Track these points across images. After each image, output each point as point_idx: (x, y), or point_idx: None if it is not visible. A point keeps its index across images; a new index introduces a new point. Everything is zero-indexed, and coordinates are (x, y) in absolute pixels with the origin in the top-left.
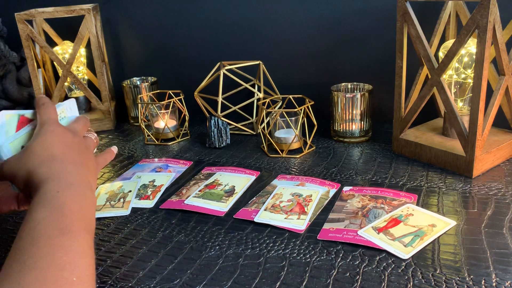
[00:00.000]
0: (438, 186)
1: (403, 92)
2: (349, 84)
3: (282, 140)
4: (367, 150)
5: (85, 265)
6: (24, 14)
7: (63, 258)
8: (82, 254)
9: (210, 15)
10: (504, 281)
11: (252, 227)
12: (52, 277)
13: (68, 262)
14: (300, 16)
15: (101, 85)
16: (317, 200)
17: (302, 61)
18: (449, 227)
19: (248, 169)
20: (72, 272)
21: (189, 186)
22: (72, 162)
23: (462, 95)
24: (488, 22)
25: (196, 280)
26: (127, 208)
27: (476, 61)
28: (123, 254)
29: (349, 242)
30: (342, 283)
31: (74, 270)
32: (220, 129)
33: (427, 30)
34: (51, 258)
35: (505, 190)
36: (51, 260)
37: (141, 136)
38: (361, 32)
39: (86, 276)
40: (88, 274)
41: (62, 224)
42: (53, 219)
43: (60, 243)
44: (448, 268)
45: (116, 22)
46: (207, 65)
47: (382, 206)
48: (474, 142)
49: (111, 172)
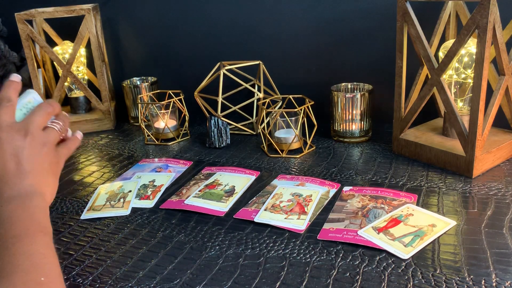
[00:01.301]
0: (438, 186)
1: (403, 92)
2: (349, 84)
3: (282, 140)
4: (367, 150)
5: (48, 265)
6: (24, 14)
7: (26, 262)
8: (43, 255)
9: (210, 15)
10: (504, 281)
11: (252, 227)
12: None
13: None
14: (300, 16)
15: (101, 85)
16: (317, 200)
17: (302, 61)
18: (449, 227)
19: (248, 169)
20: (37, 273)
21: (189, 186)
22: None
23: (462, 95)
24: (488, 22)
25: (196, 280)
26: (127, 208)
27: (476, 61)
28: (123, 254)
29: (349, 242)
30: (342, 283)
31: (39, 272)
32: (220, 129)
33: (427, 30)
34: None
35: (505, 190)
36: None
37: (141, 136)
38: (361, 32)
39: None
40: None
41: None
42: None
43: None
44: (448, 268)
45: (116, 22)
46: (207, 65)
47: (382, 206)
48: (474, 142)
49: (111, 172)
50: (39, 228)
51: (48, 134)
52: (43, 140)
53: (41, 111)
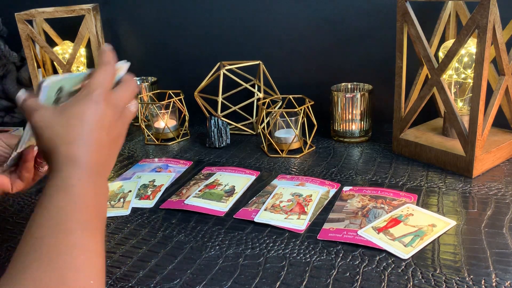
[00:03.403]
0: (438, 186)
1: (403, 92)
2: (349, 84)
3: (282, 140)
4: (367, 150)
5: (100, 266)
6: (24, 14)
7: (81, 257)
8: (98, 254)
9: (210, 15)
10: (504, 281)
11: (252, 227)
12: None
13: (85, 262)
14: (300, 16)
15: None
16: (317, 200)
17: (302, 61)
18: (449, 227)
19: (248, 169)
20: (89, 274)
21: (189, 186)
22: (100, 149)
23: (462, 95)
24: (488, 22)
25: (196, 280)
26: (127, 208)
27: (476, 61)
28: (123, 254)
29: (349, 242)
30: (342, 283)
31: (91, 272)
32: (220, 129)
33: (427, 30)
34: (70, 257)
35: (505, 190)
36: (70, 259)
37: (141, 136)
38: (361, 32)
39: (101, 278)
40: (102, 275)
41: (81, 217)
42: (73, 210)
43: (79, 240)
44: (448, 268)
45: (116, 22)
46: (207, 65)
47: (382, 206)
48: (474, 142)
49: (111, 172)
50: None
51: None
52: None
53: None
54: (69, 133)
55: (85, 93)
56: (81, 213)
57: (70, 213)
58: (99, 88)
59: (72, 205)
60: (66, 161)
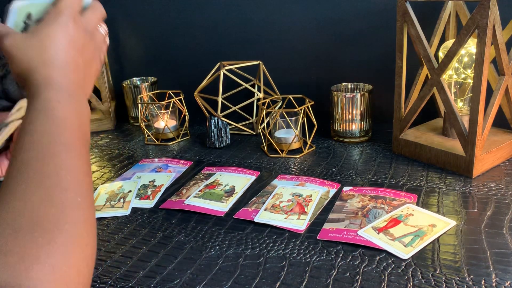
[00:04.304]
0: (438, 186)
1: (403, 92)
2: (349, 84)
3: (282, 140)
4: (367, 150)
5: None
6: None
7: (67, 177)
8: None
9: (210, 15)
10: (504, 281)
11: (252, 227)
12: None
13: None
14: (300, 16)
15: (101, 85)
16: (317, 200)
17: (302, 61)
18: (449, 227)
19: (248, 169)
20: (76, 192)
21: (189, 186)
22: (76, 70)
23: (462, 95)
24: (488, 22)
25: (196, 280)
26: (127, 208)
27: (476, 61)
28: (123, 254)
29: (349, 242)
30: (342, 283)
31: (78, 191)
32: (220, 129)
33: (427, 30)
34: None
35: (505, 190)
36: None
37: (141, 136)
38: (361, 32)
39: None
40: (90, 194)
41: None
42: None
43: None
44: (448, 268)
45: (116, 22)
46: (207, 65)
47: (382, 206)
48: (474, 142)
49: (111, 172)
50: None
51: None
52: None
53: (98, 11)
54: (43, 54)
55: (54, 15)
56: (64, 136)
57: (53, 136)
58: (68, 9)
59: (54, 128)
60: (44, 83)
